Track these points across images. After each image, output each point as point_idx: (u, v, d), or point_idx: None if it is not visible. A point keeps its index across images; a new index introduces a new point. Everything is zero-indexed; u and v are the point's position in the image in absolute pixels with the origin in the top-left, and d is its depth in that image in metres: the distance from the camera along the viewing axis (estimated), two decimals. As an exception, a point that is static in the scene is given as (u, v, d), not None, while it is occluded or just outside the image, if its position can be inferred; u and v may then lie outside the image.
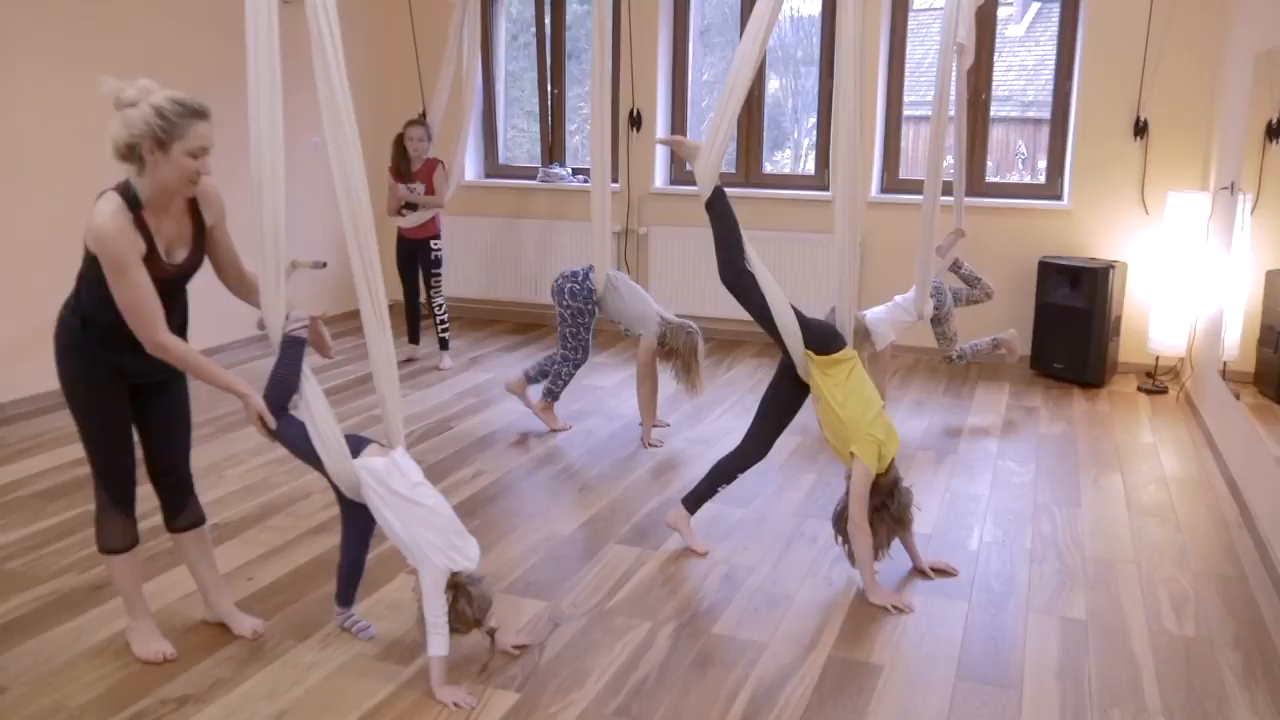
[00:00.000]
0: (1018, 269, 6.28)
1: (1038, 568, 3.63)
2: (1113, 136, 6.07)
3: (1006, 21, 9.47)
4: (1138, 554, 3.75)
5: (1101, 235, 6.15)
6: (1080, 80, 6.15)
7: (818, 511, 4.04)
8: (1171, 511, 4.15)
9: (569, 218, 7.20)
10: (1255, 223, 5.58)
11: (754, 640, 3.14)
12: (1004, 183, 7.00)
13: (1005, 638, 3.17)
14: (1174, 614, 3.32)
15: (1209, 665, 3.02)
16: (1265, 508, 3.83)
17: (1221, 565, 3.68)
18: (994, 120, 6.84)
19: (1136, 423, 5.30)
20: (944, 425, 5.25)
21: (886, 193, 6.72)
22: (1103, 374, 5.87)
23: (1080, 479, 4.49)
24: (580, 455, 4.75)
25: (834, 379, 3.46)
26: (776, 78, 8.07)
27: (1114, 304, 5.86)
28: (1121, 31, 5.94)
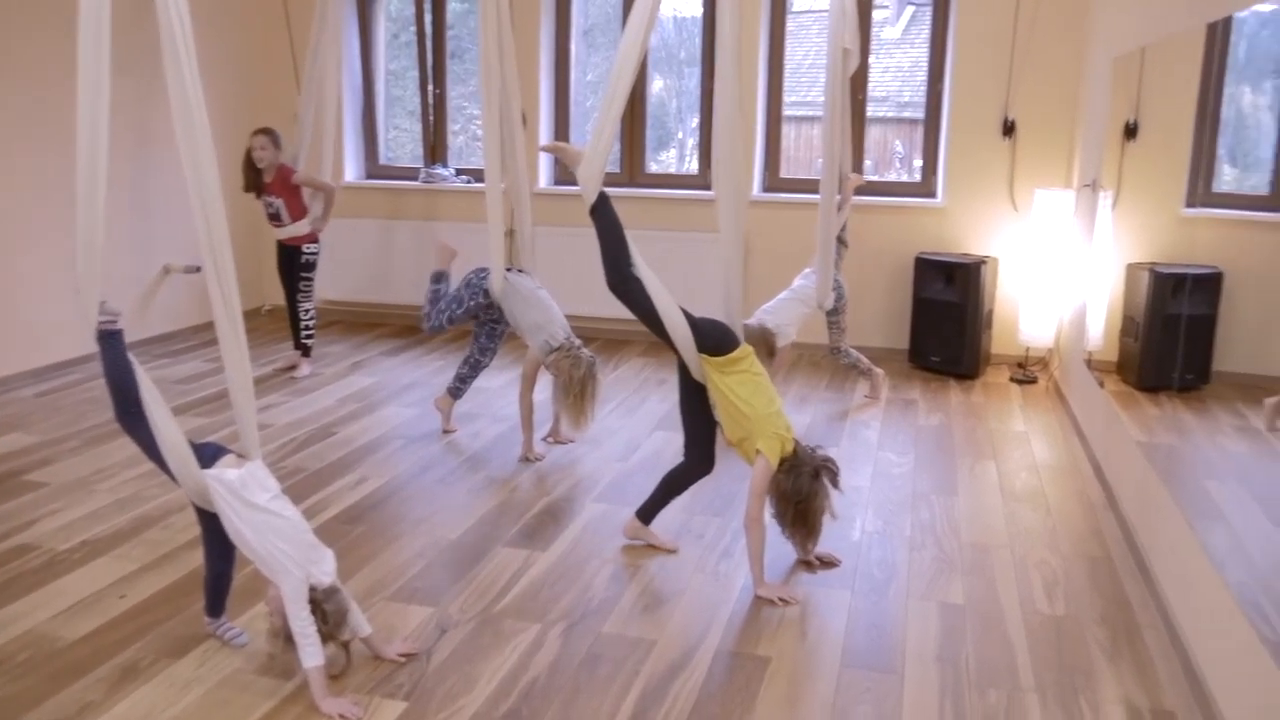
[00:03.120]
0: (896, 265, 6.45)
1: (917, 555, 3.74)
2: (983, 136, 6.28)
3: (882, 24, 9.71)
4: (1011, 538, 3.89)
5: (974, 231, 6.36)
6: (951, 82, 6.35)
7: (704, 508, 4.09)
8: (1042, 497, 4.32)
9: (453, 218, 7.12)
10: (1115, 218, 5.84)
11: (643, 638, 3.15)
12: (882, 181, 7.17)
13: (887, 624, 3.25)
14: (1045, 595, 3.45)
15: (1078, 642, 3.15)
16: (1128, 490, 4.01)
17: (1089, 547, 3.84)
18: (872, 121, 7.01)
19: (1009, 412, 5.49)
20: (827, 418, 5.36)
21: (768, 192, 6.82)
22: (977, 366, 6.07)
23: (957, 468, 4.63)
24: (467, 458, 4.71)
25: (735, 378, 3.49)
26: (660, 78, 8.13)
27: (986, 298, 6.06)
28: (989, 35, 6.15)
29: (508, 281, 4.70)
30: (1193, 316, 5.53)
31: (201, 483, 2.82)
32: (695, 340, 3.53)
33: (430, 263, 5.31)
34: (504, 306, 4.75)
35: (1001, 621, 3.27)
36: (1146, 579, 3.52)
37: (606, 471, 4.55)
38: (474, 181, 7.25)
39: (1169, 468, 4.60)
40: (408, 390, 5.74)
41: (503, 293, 4.71)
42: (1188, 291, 5.49)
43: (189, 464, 2.82)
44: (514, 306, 4.71)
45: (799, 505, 3.42)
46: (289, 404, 5.40)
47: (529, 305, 4.68)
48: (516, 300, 4.69)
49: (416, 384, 5.86)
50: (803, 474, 3.42)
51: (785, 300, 5.32)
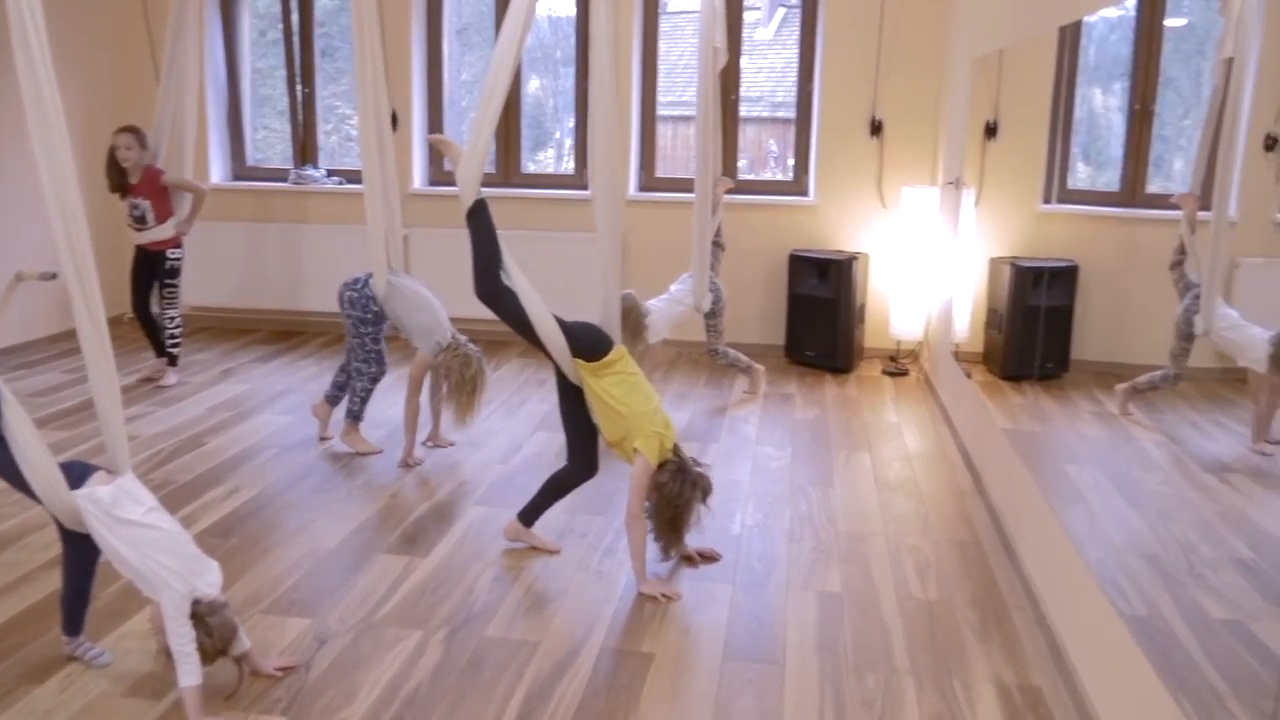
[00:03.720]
0: (770, 262, 6.55)
1: (796, 546, 3.81)
2: (852, 135, 6.43)
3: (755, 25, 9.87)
4: (885, 526, 4.00)
5: (845, 229, 6.51)
6: (821, 82, 6.49)
7: (586, 507, 4.09)
8: (914, 485, 4.45)
9: (325, 220, 6.97)
10: (978, 214, 6.05)
11: (527, 640, 3.14)
12: (756, 180, 7.29)
13: (768, 615, 3.31)
14: (919, 580, 3.56)
15: (950, 625, 3.26)
16: (995, 477, 4.16)
17: (959, 532, 3.97)
18: (746, 120, 7.12)
19: (882, 404, 5.64)
20: (707, 415, 5.42)
21: (645, 191, 6.86)
22: (851, 359, 6.22)
23: (833, 460, 4.74)
24: (344, 465, 4.61)
25: (609, 380, 3.50)
26: (537, 78, 8.10)
27: (858, 293, 6.22)
28: (856, 37, 6.30)
29: (391, 285, 4.60)
30: (1051, 308, 5.76)
31: (72, 505, 2.70)
32: (569, 345, 3.53)
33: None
34: (388, 309, 4.63)
35: (878, 607, 3.36)
36: (1013, 561, 3.66)
37: (488, 474, 4.52)
38: (346, 182, 7.11)
39: (1032, 453, 4.80)
40: (281, 397, 5.60)
41: (387, 296, 4.60)
42: (1046, 284, 5.73)
43: (57, 487, 2.69)
44: (399, 309, 4.61)
45: (676, 509, 3.46)
46: (155, 415, 5.21)
47: (415, 308, 4.59)
48: (401, 302, 4.60)
49: (290, 391, 5.72)
50: (686, 481, 3.46)
51: (664, 300, 5.38)
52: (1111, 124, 6.18)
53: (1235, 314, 5.09)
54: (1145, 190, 6.33)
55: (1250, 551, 3.71)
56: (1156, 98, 6.24)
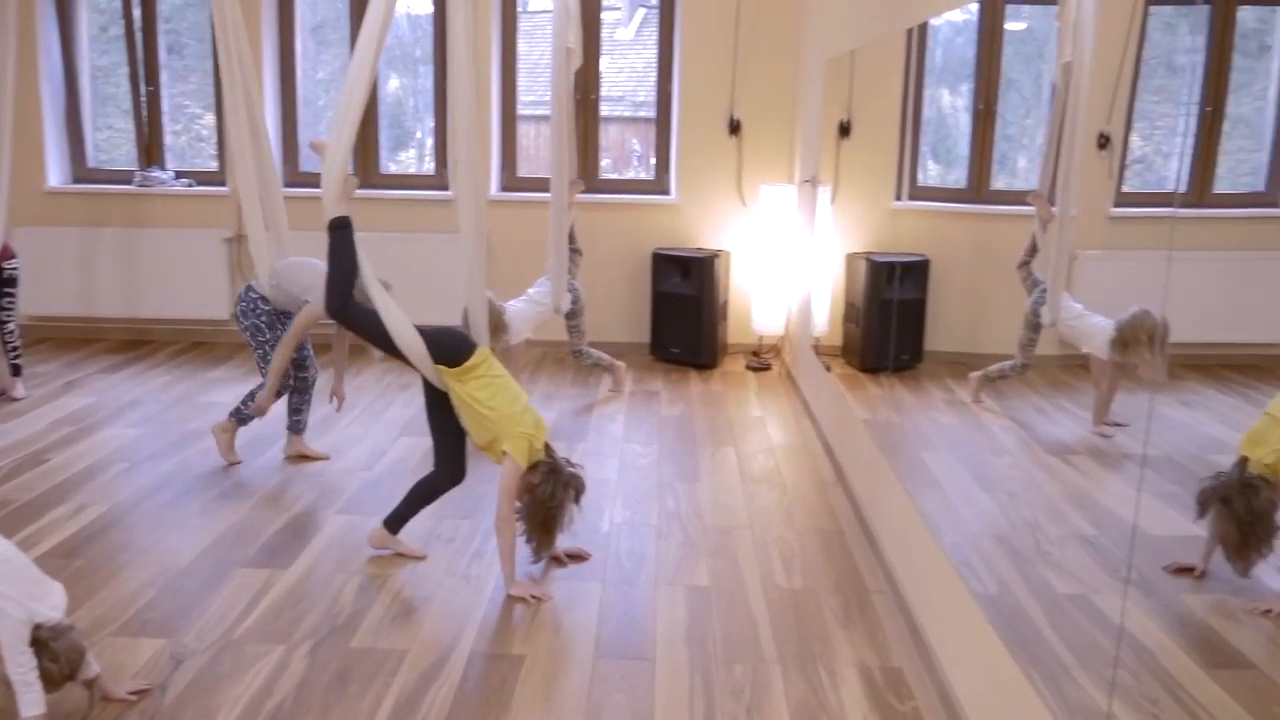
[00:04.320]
0: (634, 261, 6.59)
1: (664, 542, 3.84)
2: (711, 135, 6.52)
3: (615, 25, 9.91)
4: (751, 519, 4.07)
5: (706, 227, 6.59)
6: (680, 82, 6.55)
7: (453, 512, 4.04)
8: (778, 477, 4.53)
9: (173, 224, 6.71)
10: (835, 211, 6.21)
11: (394, 648, 3.09)
12: (618, 179, 7.32)
13: (637, 612, 3.33)
14: (784, 570, 3.63)
15: (815, 612, 3.33)
16: (855, 466, 4.28)
17: (822, 521, 4.06)
18: (609, 120, 7.14)
19: (746, 399, 5.74)
20: (573, 414, 5.42)
21: (506, 191, 6.82)
22: (715, 356, 6.30)
23: (699, 455, 4.80)
24: (199, 477, 4.45)
25: (474, 384, 3.46)
26: (396, 76, 7.95)
27: (721, 290, 6.31)
28: (713, 37, 6.39)
29: (274, 271, 4.44)
30: (905, 301, 5.96)
31: None
32: (430, 353, 3.48)
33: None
34: (277, 299, 4.44)
35: (745, 599, 3.42)
36: (874, 548, 3.77)
37: (350, 482, 4.42)
38: (196, 185, 6.86)
39: (890, 442, 4.95)
40: (130, 409, 5.36)
41: (273, 287, 4.42)
42: (900, 278, 5.92)
43: None
44: (285, 283, 4.42)
45: (548, 511, 3.44)
46: (-9, 431, 4.93)
47: (297, 270, 4.41)
48: (285, 277, 4.41)
49: (139, 402, 5.48)
50: (559, 482, 3.45)
51: (521, 302, 5.36)
52: (959, 123, 6.43)
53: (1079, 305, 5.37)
54: (990, 187, 6.60)
55: (1092, 528, 3.90)
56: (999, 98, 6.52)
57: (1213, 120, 7.08)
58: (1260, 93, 7.29)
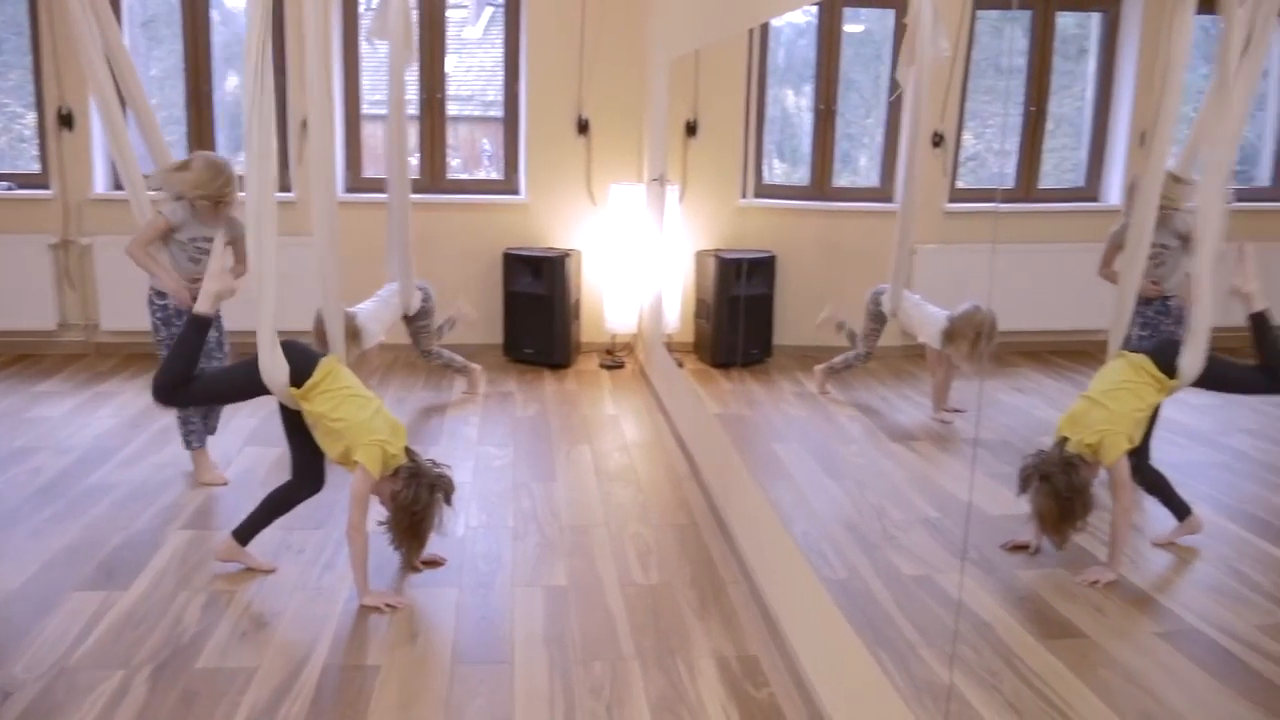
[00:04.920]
0: (485, 261, 6.54)
1: (520, 544, 3.82)
2: (559, 134, 6.52)
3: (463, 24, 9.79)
4: (607, 516, 4.08)
5: (557, 226, 6.59)
6: (527, 81, 6.53)
7: (303, 522, 3.92)
8: (634, 474, 4.57)
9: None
10: (683, 209, 6.29)
11: (243, 666, 2.98)
12: (467, 179, 7.24)
13: (495, 615, 3.30)
14: (640, 566, 3.66)
15: (672, 607, 3.37)
16: (708, 460, 4.34)
17: (677, 516, 4.11)
18: (458, 119, 7.06)
19: (600, 397, 5.76)
20: (426, 417, 5.34)
21: (351, 192, 6.66)
22: (569, 355, 6.31)
23: (554, 455, 4.79)
24: (27, 497, 4.20)
25: (320, 399, 3.38)
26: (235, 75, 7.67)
27: (573, 289, 6.31)
28: (560, 36, 6.38)
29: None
30: (754, 297, 6.09)
31: None
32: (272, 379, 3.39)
33: None
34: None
35: (602, 596, 3.43)
36: (728, 539, 3.83)
37: (193, 496, 4.25)
38: (16, 188, 6.48)
39: (742, 435, 5.05)
40: (-53, 428, 5.03)
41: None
42: (747, 275, 6.05)
43: None
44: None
45: (415, 516, 3.38)
46: None
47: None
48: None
49: (-42, 420, 5.15)
50: (422, 485, 3.38)
51: (372, 303, 5.26)
52: (802, 123, 6.61)
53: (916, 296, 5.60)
54: (833, 184, 6.81)
55: (935, 511, 4.07)
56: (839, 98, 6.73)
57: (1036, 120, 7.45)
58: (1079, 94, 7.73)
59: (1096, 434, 3.45)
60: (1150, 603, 3.40)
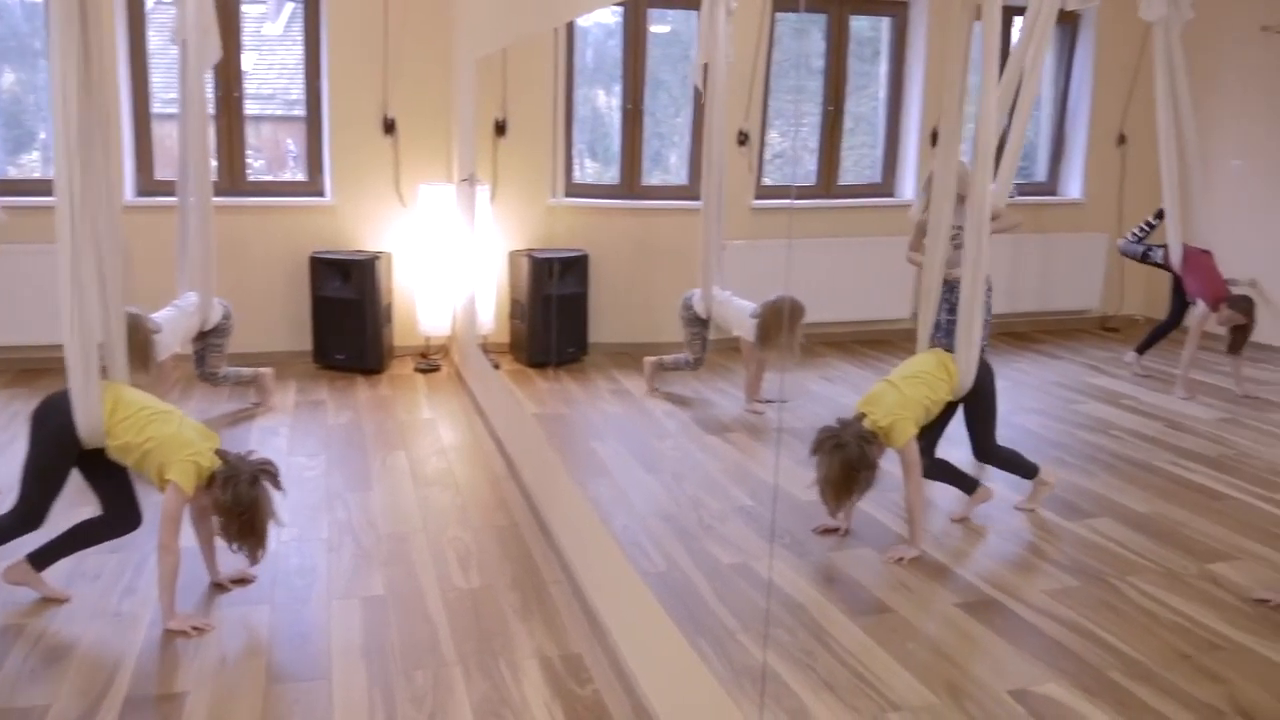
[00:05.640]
0: (291, 266, 6.32)
1: (335, 555, 3.72)
2: (365, 134, 6.36)
3: (262, 19, 9.43)
4: (425, 522, 4.02)
5: (365, 228, 6.43)
6: (329, 80, 6.34)
7: (100, 545, 3.70)
8: (451, 477, 4.51)
9: None
10: (495, 209, 6.26)
11: (34, 705, 2.78)
12: (270, 181, 6.97)
13: (310, 631, 3.20)
14: (461, 570, 3.62)
15: (494, 609, 3.34)
16: (527, 460, 4.33)
17: (497, 518, 4.08)
18: (260, 119, 6.79)
19: (416, 401, 5.66)
20: (232, 429, 5.12)
21: (143, 195, 6.32)
22: (382, 360, 6.17)
23: (369, 462, 4.68)
24: None
25: (123, 429, 3.19)
26: (11, 71, 7.15)
27: (384, 293, 6.17)
28: (362, 34, 6.23)
29: None
30: (568, 296, 6.12)
31: None
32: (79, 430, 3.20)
33: None
34: None
35: (423, 604, 3.37)
36: (549, 539, 3.83)
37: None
38: None
39: (561, 434, 5.06)
40: None
41: None
42: (561, 274, 6.07)
43: None
44: None
45: (244, 516, 3.22)
46: None
47: None
48: None
49: None
50: (241, 483, 3.22)
51: (171, 311, 5.00)
52: (612, 123, 6.67)
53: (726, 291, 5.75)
54: (643, 183, 6.91)
55: (750, 500, 4.18)
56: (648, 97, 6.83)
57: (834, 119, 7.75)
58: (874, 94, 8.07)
59: (888, 418, 3.62)
60: (951, 576, 3.59)
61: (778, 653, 3.04)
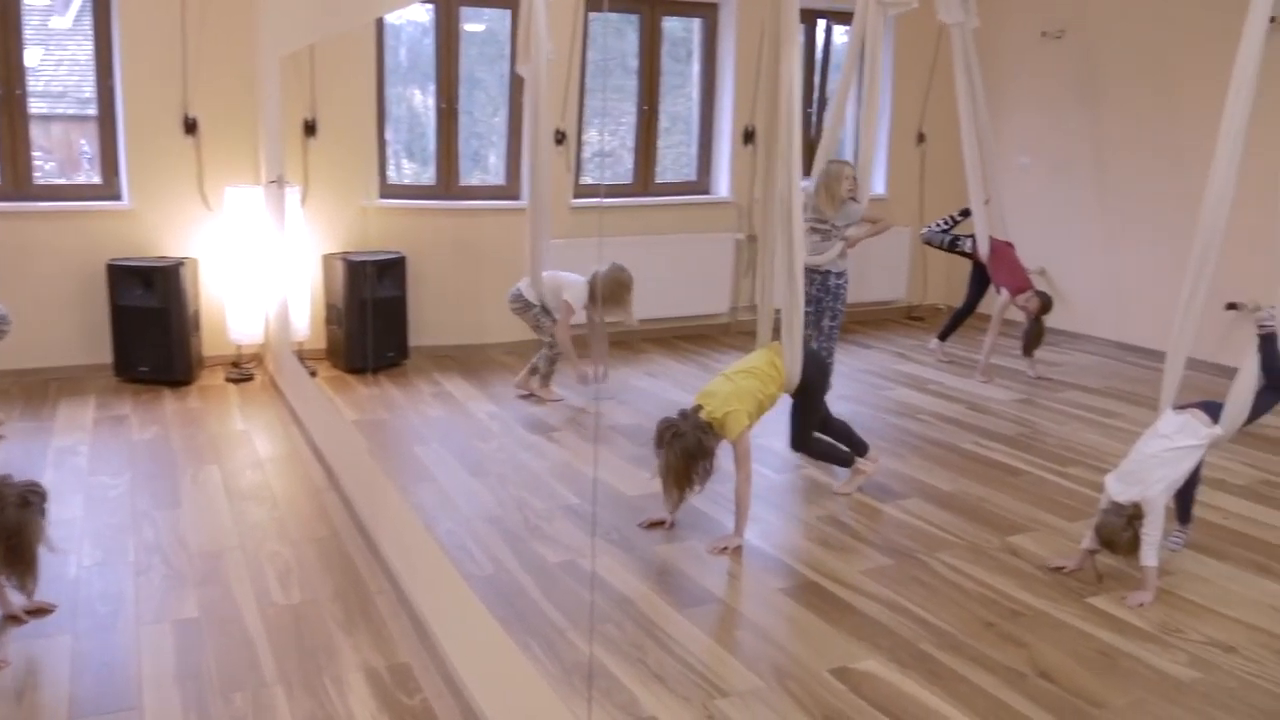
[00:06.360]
0: (85, 274, 5.94)
1: (144, 578, 3.53)
2: (164, 134, 6.05)
3: (49, 12, 8.86)
4: (242, 538, 3.86)
5: (168, 233, 6.12)
6: (123, 78, 6.00)
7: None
8: (268, 490, 4.35)
9: None
10: (306, 212, 6.07)
11: None
12: (62, 184, 6.54)
13: (118, 659, 3.02)
14: (280, 586, 3.49)
15: (317, 624, 3.24)
16: (347, 469, 4.22)
17: (317, 529, 3.96)
18: (50, 118, 6.38)
19: (228, 413, 5.43)
20: (26, 450, 4.79)
21: (-85, 201, 5.85)
22: (190, 370, 5.88)
23: (179, 478, 4.46)
24: None
25: None
26: None
27: (190, 300, 5.89)
28: (158, 30, 5.91)
29: None
30: (386, 299, 6.00)
31: None
32: None
33: None
34: None
35: (240, 623, 3.23)
36: (372, 548, 3.74)
37: None
38: None
39: (382, 440, 4.95)
40: None
41: None
42: (378, 277, 5.94)
43: None
44: None
45: (10, 542, 3.01)
46: None
47: None
48: None
49: None
50: (7, 508, 3.01)
51: None
52: (429, 123, 6.57)
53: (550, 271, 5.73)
54: (460, 183, 6.85)
55: (576, 498, 4.20)
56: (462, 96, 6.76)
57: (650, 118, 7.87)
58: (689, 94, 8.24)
59: (722, 409, 3.71)
60: (774, 562, 3.70)
61: (607, 648, 3.06)
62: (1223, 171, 3.36)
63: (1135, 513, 3.37)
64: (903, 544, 3.85)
